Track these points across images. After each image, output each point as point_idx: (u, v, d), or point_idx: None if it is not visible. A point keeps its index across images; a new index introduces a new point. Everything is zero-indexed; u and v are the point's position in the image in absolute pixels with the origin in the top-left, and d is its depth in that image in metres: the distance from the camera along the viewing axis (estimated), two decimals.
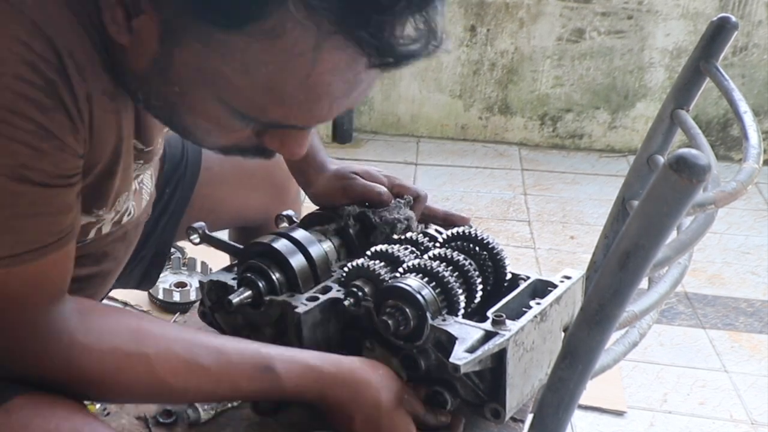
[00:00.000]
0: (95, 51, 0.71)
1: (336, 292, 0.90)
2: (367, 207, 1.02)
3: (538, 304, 0.87)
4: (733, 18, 1.05)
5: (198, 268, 2.14)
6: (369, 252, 0.92)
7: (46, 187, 0.69)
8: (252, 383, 0.80)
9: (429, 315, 0.82)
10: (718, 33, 1.06)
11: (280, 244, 0.91)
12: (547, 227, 2.67)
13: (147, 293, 2.02)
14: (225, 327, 0.94)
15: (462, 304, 0.86)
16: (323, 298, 0.89)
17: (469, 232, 0.94)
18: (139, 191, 0.99)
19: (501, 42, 3.13)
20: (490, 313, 0.83)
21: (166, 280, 2.07)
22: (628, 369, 1.97)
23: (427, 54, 0.65)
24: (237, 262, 0.94)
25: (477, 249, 0.93)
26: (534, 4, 3.06)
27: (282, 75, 0.65)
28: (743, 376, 1.98)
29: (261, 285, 0.89)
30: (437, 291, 0.84)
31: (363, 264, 0.89)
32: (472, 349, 0.80)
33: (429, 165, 3.07)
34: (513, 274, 0.94)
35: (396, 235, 0.99)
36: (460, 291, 0.85)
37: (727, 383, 1.95)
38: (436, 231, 1.01)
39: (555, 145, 3.25)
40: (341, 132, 3.19)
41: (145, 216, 1.07)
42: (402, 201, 1.03)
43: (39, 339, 0.73)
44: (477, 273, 0.90)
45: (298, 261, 0.90)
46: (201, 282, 0.95)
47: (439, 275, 0.85)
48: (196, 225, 0.99)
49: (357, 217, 1.01)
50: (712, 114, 3.11)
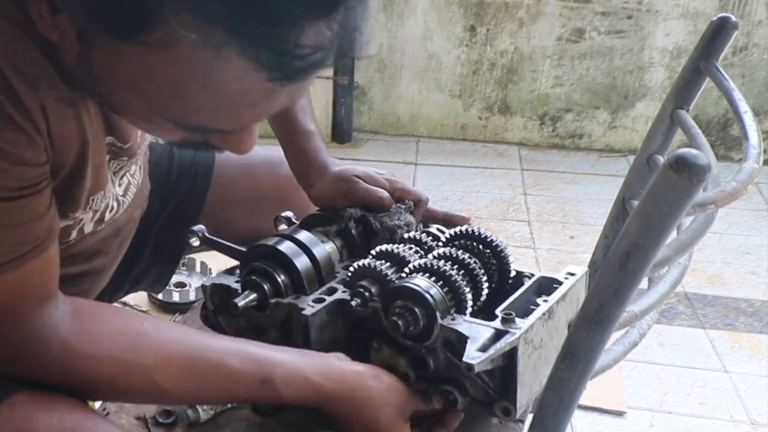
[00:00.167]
0: (45, 57, 0.70)
1: (342, 293, 0.89)
2: (368, 211, 1.02)
3: (545, 301, 0.87)
4: (733, 18, 1.05)
5: (197, 268, 2.14)
6: (373, 252, 0.92)
7: (12, 200, 0.69)
8: (251, 393, 0.80)
9: (438, 314, 0.82)
10: (718, 33, 1.06)
11: (284, 246, 0.90)
12: (547, 227, 2.67)
13: (146, 293, 2.02)
14: (228, 330, 0.93)
15: (470, 302, 0.86)
16: (330, 299, 0.88)
17: (472, 230, 0.94)
18: (128, 185, 0.98)
19: (501, 42, 3.13)
20: (499, 311, 0.83)
21: None
22: (628, 369, 1.97)
23: (335, 63, 0.63)
24: (240, 264, 0.93)
25: (481, 247, 0.92)
26: (534, 3, 3.06)
27: (186, 83, 0.62)
28: (743, 376, 1.98)
29: (266, 287, 0.88)
30: (445, 290, 0.84)
31: (369, 264, 0.88)
32: (483, 348, 0.79)
33: (429, 165, 3.07)
34: (517, 271, 0.94)
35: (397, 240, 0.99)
36: (467, 289, 0.85)
37: (727, 383, 1.95)
38: (438, 230, 1.01)
39: (555, 145, 3.25)
40: (341, 132, 3.19)
41: (140, 209, 1.06)
42: (403, 206, 1.03)
43: (31, 346, 0.73)
44: (482, 271, 0.89)
45: (302, 263, 0.90)
46: (203, 285, 0.94)
47: (446, 274, 0.85)
48: (195, 228, 0.98)
49: (358, 220, 1.00)
50: (712, 114, 3.11)
